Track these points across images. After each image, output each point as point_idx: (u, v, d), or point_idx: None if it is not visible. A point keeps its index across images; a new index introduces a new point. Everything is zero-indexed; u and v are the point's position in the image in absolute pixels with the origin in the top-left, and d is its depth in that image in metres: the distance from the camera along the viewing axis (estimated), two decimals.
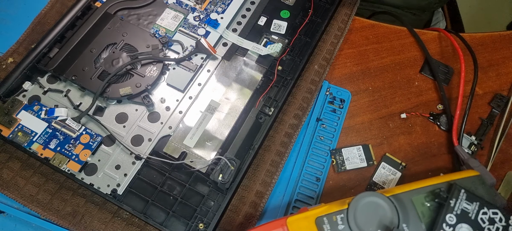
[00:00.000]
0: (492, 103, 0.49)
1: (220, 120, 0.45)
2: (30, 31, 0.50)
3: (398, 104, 0.49)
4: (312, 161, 0.45)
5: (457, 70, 0.50)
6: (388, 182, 0.44)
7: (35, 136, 0.42)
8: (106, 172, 0.42)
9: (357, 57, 0.52)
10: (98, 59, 0.47)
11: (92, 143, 0.42)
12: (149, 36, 0.48)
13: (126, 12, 0.50)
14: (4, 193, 0.41)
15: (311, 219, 0.34)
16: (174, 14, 0.51)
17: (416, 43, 0.53)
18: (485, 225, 0.33)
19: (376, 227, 0.33)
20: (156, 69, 0.46)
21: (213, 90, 0.46)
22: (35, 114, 0.43)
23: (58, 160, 0.41)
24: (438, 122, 0.48)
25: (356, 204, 0.34)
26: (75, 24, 0.49)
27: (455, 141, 0.45)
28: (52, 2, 0.52)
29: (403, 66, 0.51)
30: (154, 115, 0.45)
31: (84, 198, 0.42)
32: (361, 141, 0.47)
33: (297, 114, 0.46)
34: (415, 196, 0.35)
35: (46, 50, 0.46)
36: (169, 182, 0.42)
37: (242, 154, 0.42)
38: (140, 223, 0.41)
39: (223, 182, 0.39)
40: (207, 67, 0.48)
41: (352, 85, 0.50)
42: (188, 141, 0.43)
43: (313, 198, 0.43)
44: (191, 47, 0.48)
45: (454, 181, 0.36)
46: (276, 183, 0.43)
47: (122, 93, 0.44)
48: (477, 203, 0.34)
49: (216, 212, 0.40)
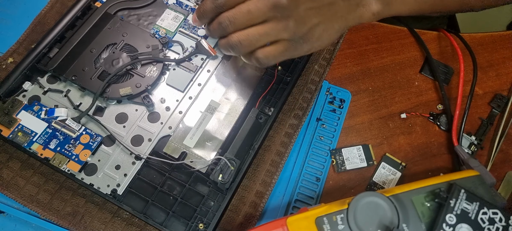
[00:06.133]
0: (492, 103, 0.49)
1: (220, 120, 0.45)
2: (30, 31, 0.50)
3: (398, 104, 0.49)
4: (312, 161, 0.45)
5: (457, 70, 0.50)
6: (388, 182, 0.44)
7: (35, 136, 0.42)
8: (106, 172, 0.42)
9: (357, 57, 0.52)
10: (98, 60, 0.47)
11: (92, 143, 0.42)
12: (149, 37, 0.48)
13: (126, 12, 0.50)
14: (4, 193, 0.41)
15: (311, 219, 0.34)
16: (174, 15, 0.51)
17: (416, 43, 0.53)
18: (485, 225, 0.33)
19: (376, 227, 0.33)
20: (156, 69, 0.46)
21: (213, 91, 0.46)
22: (35, 114, 0.43)
23: (58, 160, 0.41)
24: (438, 122, 0.48)
25: (356, 204, 0.34)
26: (75, 24, 0.49)
27: (455, 141, 0.45)
28: (52, 2, 0.52)
29: (403, 66, 0.51)
30: (154, 115, 0.45)
31: (84, 198, 0.42)
32: (361, 141, 0.47)
33: (297, 114, 0.46)
34: (415, 196, 0.35)
35: (46, 50, 0.46)
36: (169, 182, 0.42)
37: (242, 154, 0.42)
38: (140, 223, 0.41)
39: (223, 182, 0.39)
40: (207, 68, 0.48)
41: (352, 85, 0.50)
42: (188, 141, 0.43)
43: (313, 198, 0.43)
44: (191, 48, 0.48)
45: (454, 181, 0.36)
46: (276, 183, 0.43)
47: (122, 94, 0.44)
48: (477, 203, 0.34)
49: (216, 212, 0.40)
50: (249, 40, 0.37)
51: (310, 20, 0.37)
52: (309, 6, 0.36)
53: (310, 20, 0.37)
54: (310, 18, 0.37)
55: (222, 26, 0.38)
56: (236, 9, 0.37)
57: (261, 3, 0.36)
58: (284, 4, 0.35)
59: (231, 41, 0.38)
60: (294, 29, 0.36)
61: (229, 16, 0.37)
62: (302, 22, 0.36)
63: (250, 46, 0.38)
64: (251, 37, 0.37)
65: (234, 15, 0.37)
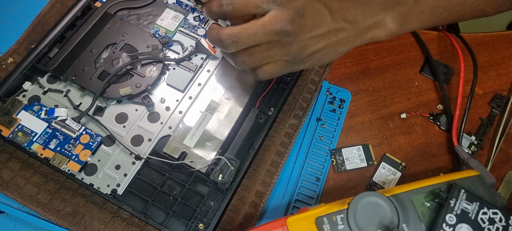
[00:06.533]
0: (492, 103, 0.49)
1: (220, 120, 0.45)
2: (30, 31, 0.50)
3: (398, 104, 0.49)
4: (312, 161, 0.45)
5: (457, 70, 0.50)
6: (388, 182, 0.44)
7: (35, 136, 0.42)
8: (106, 172, 0.42)
9: (357, 57, 0.52)
10: (98, 59, 0.47)
11: (92, 143, 0.42)
12: (149, 37, 0.48)
13: (126, 12, 0.50)
14: (4, 193, 0.41)
15: (311, 219, 0.34)
16: (174, 15, 0.51)
17: (416, 43, 0.53)
18: (485, 225, 0.33)
19: (376, 227, 0.33)
20: (156, 69, 0.46)
21: (213, 91, 0.46)
22: (35, 114, 0.43)
23: (58, 160, 0.41)
24: (438, 122, 0.48)
25: (356, 204, 0.34)
26: (75, 24, 0.49)
27: (455, 141, 0.45)
28: (52, 2, 0.52)
29: (403, 66, 0.51)
30: (154, 115, 0.45)
31: (84, 198, 0.42)
32: (361, 141, 0.47)
33: (297, 114, 0.46)
34: (415, 196, 0.35)
35: (46, 50, 0.46)
36: (169, 182, 0.42)
37: (242, 154, 0.42)
38: (140, 223, 0.41)
39: (223, 182, 0.39)
40: (207, 68, 0.48)
41: (352, 85, 0.50)
42: (188, 141, 0.43)
43: (313, 198, 0.43)
44: (191, 48, 0.48)
45: (454, 181, 0.36)
46: (276, 183, 0.43)
47: (122, 94, 0.44)
48: (477, 203, 0.34)
49: (216, 212, 0.40)
50: (251, 61, 0.37)
51: (313, 47, 0.36)
52: (314, 34, 0.36)
53: (313, 47, 0.36)
54: (313, 45, 0.36)
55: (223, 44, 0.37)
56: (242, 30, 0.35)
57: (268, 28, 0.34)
58: (290, 31, 0.34)
59: (235, 60, 0.38)
60: (295, 54, 0.36)
61: (233, 35, 0.36)
62: (304, 48, 0.36)
63: (251, 66, 0.38)
64: (253, 59, 0.37)
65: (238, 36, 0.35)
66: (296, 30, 0.35)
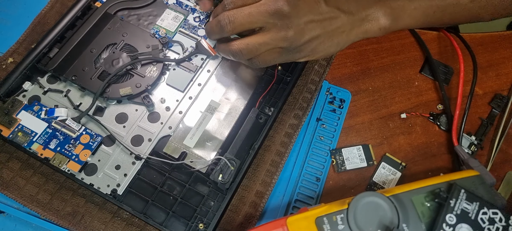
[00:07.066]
0: (492, 103, 0.49)
1: (220, 120, 0.45)
2: (30, 31, 0.50)
3: (398, 104, 0.49)
4: (312, 161, 0.45)
5: (457, 70, 0.50)
6: (388, 182, 0.44)
7: (35, 136, 0.42)
8: (106, 172, 0.42)
9: (357, 57, 0.52)
10: (98, 60, 0.47)
11: (92, 143, 0.42)
12: (149, 37, 0.48)
13: (126, 12, 0.50)
14: (4, 193, 0.41)
15: (311, 219, 0.34)
16: (174, 15, 0.51)
17: (416, 43, 0.53)
18: (485, 225, 0.33)
19: (376, 227, 0.33)
20: (156, 69, 0.46)
21: (213, 91, 0.46)
22: (35, 114, 0.43)
23: (58, 160, 0.41)
24: (438, 122, 0.48)
25: (356, 204, 0.34)
26: (75, 24, 0.49)
27: (455, 141, 0.45)
28: (52, 2, 0.52)
29: (403, 66, 0.51)
30: (154, 115, 0.45)
31: (84, 198, 0.42)
32: (361, 141, 0.47)
33: (297, 114, 0.46)
34: (415, 196, 0.35)
35: (46, 50, 0.46)
36: (169, 182, 0.42)
37: (242, 154, 0.42)
38: (140, 223, 0.41)
39: (223, 182, 0.39)
40: (207, 68, 0.48)
41: (352, 85, 0.50)
42: (188, 141, 0.43)
43: (313, 198, 0.43)
44: (191, 48, 0.48)
45: (454, 181, 0.36)
46: (276, 183, 0.43)
47: (122, 94, 0.44)
48: (477, 203, 0.34)
49: (216, 212, 0.40)
50: (248, 50, 0.38)
51: (309, 33, 0.37)
52: (311, 18, 0.36)
53: (309, 33, 0.37)
54: (310, 31, 0.37)
55: (221, 25, 0.38)
56: (237, 10, 0.37)
57: (263, 8, 0.36)
58: (286, 12, 0.35)
59: (232, 49, 0.39)
60: (292, 40, 0.37)
61: (229, 15, 0.38)
62: (301, 34, 0.36)
63: (249, 55, 0.39)
64: (251, 47, 0.38)
65: (234, 15, 0.37)
66: (292, 11, 0.35)
